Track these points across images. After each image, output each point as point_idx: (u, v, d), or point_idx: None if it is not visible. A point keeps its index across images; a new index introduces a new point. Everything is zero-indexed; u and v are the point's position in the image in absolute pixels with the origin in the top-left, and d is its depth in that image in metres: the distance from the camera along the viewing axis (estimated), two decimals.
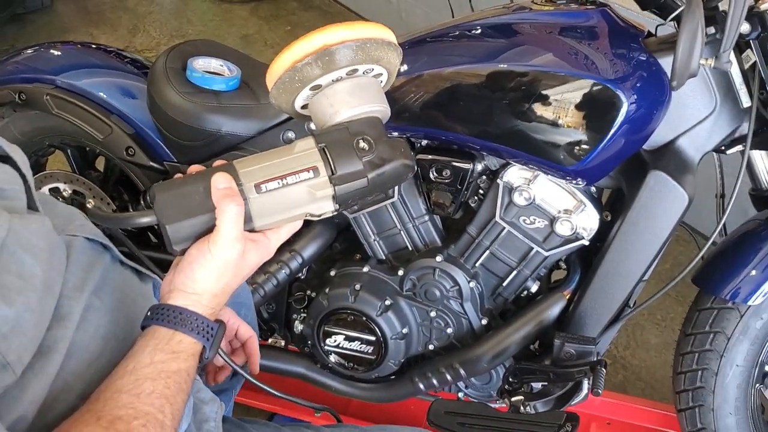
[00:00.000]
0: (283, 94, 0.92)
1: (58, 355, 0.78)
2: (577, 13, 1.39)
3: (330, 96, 0.91)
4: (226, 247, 0.84)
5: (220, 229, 0.84)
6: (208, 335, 0.85)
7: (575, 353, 1.39)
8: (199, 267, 0.85)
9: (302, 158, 0.85)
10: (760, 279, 1.38)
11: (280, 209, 0.85)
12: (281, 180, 0.84)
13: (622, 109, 1.25)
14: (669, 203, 1.33)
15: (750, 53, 1.28)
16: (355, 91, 0.92)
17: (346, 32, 0.89)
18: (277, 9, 4.22)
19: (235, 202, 0.83)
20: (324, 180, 0.84)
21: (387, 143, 0.89)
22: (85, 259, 0.88)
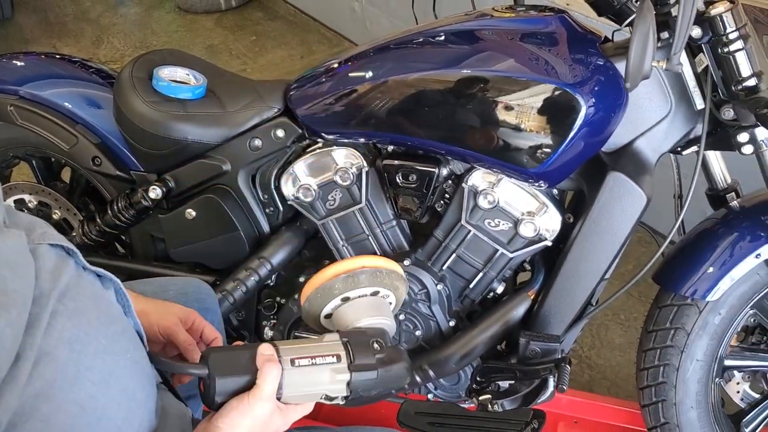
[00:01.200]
0: (320, 299, 1.12)
1: (27, 362, 0.79)
2: (536, 19, 1.43)
3: (355, 306, 1.12)
4: (263, 400, 0.94)
5: (261, 386, 0.94)
6: None
7: (540, 351, 1.42)
8: (238, 414, 0.94)
9: (330, 346, 1.01)
10: (717, 275, 1.42)
11: (306, 384, 0.99)
12: (312, 359, 0.99)
13: (581, 112, 1.28)
14: (628, 203, 1.36)
15: (702, 57, 1.33)
16: (374, 306, 1.13)
17: (380, 262, 1.16)
18: (242, 19, 4.22)
19: (276, 366, 0.95)
20: (344, 366, 0.99)
21: (394, 349, 1.05)
22: (51, 265, 0.88)
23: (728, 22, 1.27)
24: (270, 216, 1.65)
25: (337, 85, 1.48)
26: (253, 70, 3.69)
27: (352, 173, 1.52)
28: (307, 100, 1.52)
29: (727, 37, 1.27)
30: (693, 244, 1.49)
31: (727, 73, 1.30)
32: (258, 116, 1.58)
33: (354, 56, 1.51)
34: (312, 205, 1.57)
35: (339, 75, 1.50)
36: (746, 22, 1.28)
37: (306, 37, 4.03)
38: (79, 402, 0.84)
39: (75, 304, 0.88)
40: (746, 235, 1.44)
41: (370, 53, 1.49)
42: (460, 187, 1.47)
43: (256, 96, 1.61)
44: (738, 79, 1.28)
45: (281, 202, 1.62)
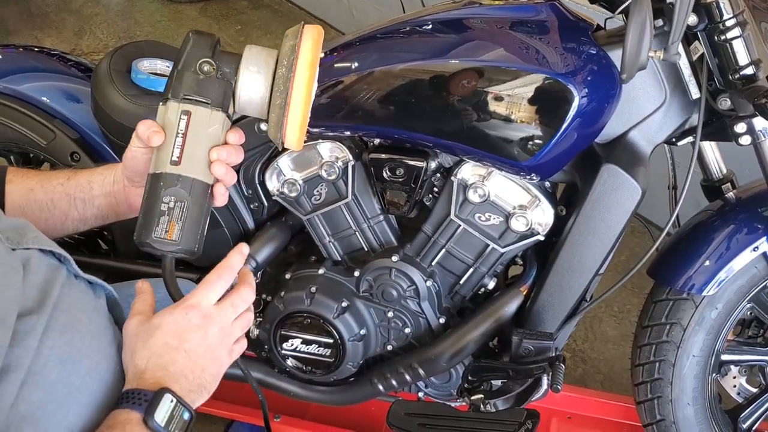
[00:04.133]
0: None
1: (12, 384, 0.75)
2: (526, 7, 1.38)
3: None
4: (127, 323, 0.91)
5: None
6: (138, 401, 0.83)
7: (534, 349, 1.39)
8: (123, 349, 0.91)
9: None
10: (714, 269, 1.39)
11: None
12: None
13: (573, 102, 1.24)
14: (622, 196, 1.33)
15: (698, 45, 1.28)
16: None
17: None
18: (226, 8, 4.16)
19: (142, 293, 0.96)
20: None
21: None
22: (42, 276, 0.85)
23: (725, 8, 1.22)
24: (254, 211, 1.61)
25: (321, 77, 1.43)
26: None
27: (337, 167, 1.48)
28: None
29: (724, 24, 1.22)
30: (688, 237, 1.46)
31: (724, 62, 1.25)
32: None
33: (339, 47, 1.46)
34: (297, 200, 1.53)
35: (324, 66, 1.44)
36: (743, 9, 1.23)
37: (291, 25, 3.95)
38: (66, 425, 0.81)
39: (67, 317, 0.85)
40: (743, 227, 1.41)
41: (356, 43, 1.45)
42: (449, 181, 1.44)
43: None
44: (735, 68, 1.24)
45: (266, 197, 1.58)
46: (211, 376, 0.91)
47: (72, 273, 0.92)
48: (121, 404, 0.83)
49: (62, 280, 0.87)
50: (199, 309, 0.90)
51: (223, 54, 1.02)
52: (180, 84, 0.98)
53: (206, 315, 0.90)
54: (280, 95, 1.00)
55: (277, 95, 1.00)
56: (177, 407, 0.84)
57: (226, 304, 0.93)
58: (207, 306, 0.91)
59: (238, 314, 0.95)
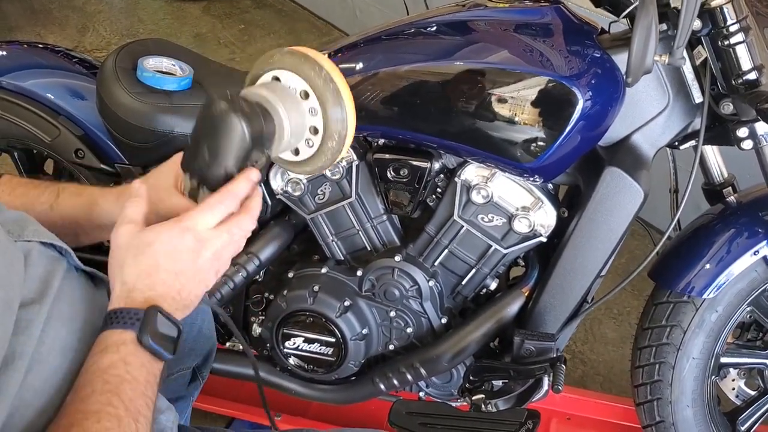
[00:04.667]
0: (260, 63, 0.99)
1: (18, 372, 0.76)
2: (531, 10, 1.39)
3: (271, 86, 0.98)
4: (115, 230, 0.88)
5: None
6: (130, 320, 0.82)
7: (535, 350, 1.40)
8: (109, 262, 0.88)
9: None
10: (714, 272, 1.40)
11: None
12: None
13: (577, 105, 1.25)
14: (625, 199, 1.33)
15: (701, 49, 1.29)
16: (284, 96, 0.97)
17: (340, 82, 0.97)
18: (230, 7, 4.16)
19: (134, 197, 0.91)
20: None
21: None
22: (43, 268, 0.85)
23: (729, 13, 1.23)
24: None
25: None
26: (241, 59, 3.64)
27: (342, 167, 1.49)
28: None
29: (728, 29, 1.23)
30: (689, 240, 1.47)
31: (727, 67, 1.26)
32: None
33: (344, 47, 1.47)
34: (301, 199, 1.53)
35: None
36: (747, 14, 1.24)
37: (295, 25, 3.98)
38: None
39: (68, 308, 0.85)
40: (744, 231, 1.42)
41: (360, 44, 1.46)
42: (452, 182, 1.44)
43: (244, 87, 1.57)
44: (738, 73, 1.25)
45: (270, 196, 1.58)
46: (195, 296, 0.89)
47: (72, 266, 0.92)
48: (112, 325, 0.82)
49: (63, 273, 0.87)
50: (194, 232, 0.87)
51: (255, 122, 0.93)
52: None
53: (201, 239, 0.88)
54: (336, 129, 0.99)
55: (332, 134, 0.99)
56: (166, 325, 0.84)
57: (222, 229, 0.89)
58: (203, 230, 0.88)
59: (233, 242, 0.91)
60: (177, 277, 0.86)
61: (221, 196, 0.90)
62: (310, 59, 0.97)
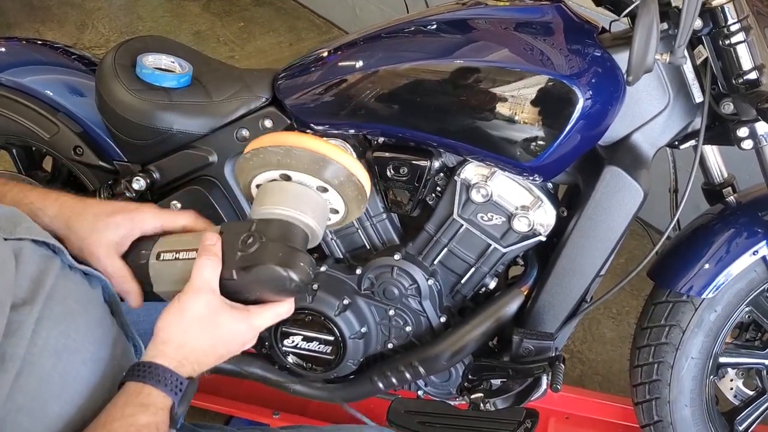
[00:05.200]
0: (259, 159, 1.00)
1: (8, 374, 0.75)
2: (531, 8, 1.39)
3: (286, 189, 0.99)
4: (190, 294, 0.88)
5: (192, 278, 0.89)
6: (176, 389, 0.84)
7: (534, 349, 1.39)
8: (166, 313, 0.88)
9: (201, 239, 0.92)
10: (714, 272, 1.40)
11: (172, 280, 0.91)
12: (176, 253, 0.92)
13: (578, 104, 1.25)
14: (625, 198, 1.33)
15: (702, 49, 1.29)
16: (308, 202, 0.99)
17: (351, 165, 1.03)
18: (229, 5, 4.16)
19: (209, 257, 0.89)
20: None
21: (276, 247, 0.91)
22: (35, 267, 0.84)
23: (730, 13, 1.23)
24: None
25: (326, 75, 1.44)
26: (241, 57, 3.64)
27: None
28: (295, 89, 1.48)
29: (729, 28, 1.23)
30: (689, 240, 1.47)
31: (728, 66, 1.26)
32: (245, 106, 1.54)
33: (344, 45, 1.47)
34: None
35: (328, 64, 1.46)
36: (748, 14, 1.24)
37: (295, 23, 3.97)
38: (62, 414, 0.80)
39: (62, 308, 0.84)
40: (743, 231, 1.42)
41: (360, 42, 1.45)
42: (452, 180, 1.44)
43: (243, 85, 1.57)
44: (739, 72, 1.25)
45: None
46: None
47: (66, 264, 0.91)
48: (159, 384, 0.84)
49: (56, 271, 0.86)
50: (255, 329, 0.94)
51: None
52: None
53: (255, 336, 0.95)
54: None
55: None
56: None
57: (268, 317, 0.95)
58: (257, 326, 0.94)
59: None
60: (218, 358, 0.92)
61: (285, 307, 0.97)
62: (322, 158, 1.03)
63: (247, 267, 0.89)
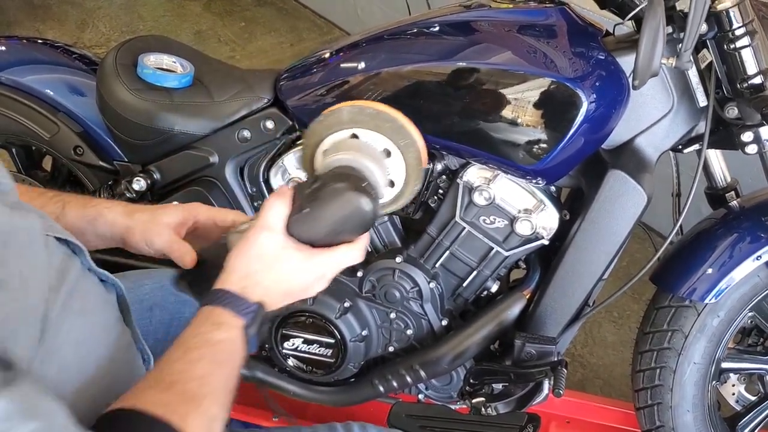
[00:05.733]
0: (331, 117, 1.12)
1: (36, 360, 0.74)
2: (536, 11, 1.38)
3: (348, 143, 1.09)
4: (256, 230, 0.92)
5: (261, 215, 0.93)
6: (244, 311, 0.88)
7: (536, 353, 1.39)
8: (235, 249, 0.93)
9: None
10: (716, 277, 1.39)
11: None
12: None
13: (581, 108, 1.24)
14: (628, 202, 1.33)
15: (706, 53, 1.29)
16: (365, 150, 1.07)
17: (412, 126, 1.15)
18: (230, 5, 4.14)
19: (279, 198, 0.94)
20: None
21: (344, 175, 0.97)
22: (58, 261, 0.84)
23: (735, 17, 1.22)
24: (258, 209, 1.60)
25: (328, 76, 1.44)
26: (242, 57, 3.63)
27: None
28: (297, 90, 1.48)
29: (733, 33, 1.23)
30: (692, 244, 1.46)
31: (732, 70, 1.25)
32: (247, 107, 1.53)
33: (346, 46, 1.46)
34: None
35: (331, 65, 1.45)
36: (753, 18, 1.24)
37: (296, 24, 3.96)
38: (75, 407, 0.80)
39: (81, 305, 0.84)
40: (746, 236, 1.41)
41: (363, 43, 1.45)
42: (454, 183, 1.43)
43: (245, 86, 1.56)
44: (743, 77, 1.24)
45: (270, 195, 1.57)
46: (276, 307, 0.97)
47: (86, 266, 0.91)
48: (226, 306, 0.88)
49: (77, 270, 0.87)
50: (321, 269, 0.96)
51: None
52: None
53: (323, 276, 0.96)
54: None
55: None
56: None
57: (333, 259, 0.96)
58: (328, 270, 0.97)
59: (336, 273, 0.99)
60: (285, 295, 0.95)
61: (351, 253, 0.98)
62: (391, 118, 1.13)
63: (315, 193, 0.93)
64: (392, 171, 1.18)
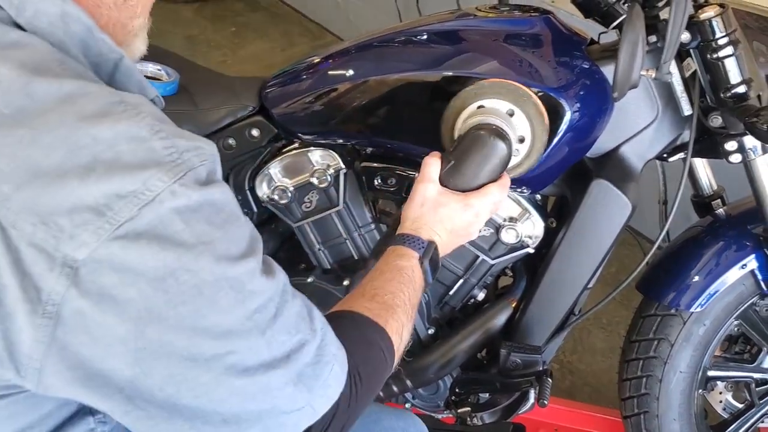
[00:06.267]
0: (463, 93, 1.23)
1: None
2: (520, 20, 1.38)
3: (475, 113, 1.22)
4: (418, 183, 1.17)
5: (421, 172, 1.18)
6: (418, 246, 1.11)
7: (521, 363, 1.38)
8: (407, 202, 1.18)
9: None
10: (702, 286, 1.40)
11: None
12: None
13: (565, 117, 1.24)
14: (612, 211, 1.32)
15: (690, 61, 1.29)
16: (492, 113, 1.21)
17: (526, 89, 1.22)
18: (222, 10, 4.14)
19: (431, 157, 1.18)
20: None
21: (472, 127, 1.18)
22: None
23: (718, 27, 1.22)
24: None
25: (314, 84, 1.43)
26: (233, 63, 3.62)
27: (329, 175, 1.47)
28: (283, 98, 1.47)
29: (717, 42, 1.23)
30: (678, 252, 1.46)
31: (716, 80, 1.25)
32: (232, 115, 1.52)
33: (332, 54, 1.46)
34: (288, 207, 1.51)
35: (316, 73, 1.45)
36: (736, 28, 1.24)
37: (288, 28, 3.96)
38: None
39: None
40: (732, 244, 1.41)
41: (351, 51, 1.44)
42: None
43: (231, 93, 1.55)
44: (727, 86, 1.24)
45: (255, 203, 1.56)
46: (455, 246, 1.21)
47: None
48: (405, 244, 1.11)
49: None
50: (474, 209, 1.16)
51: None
52: None
53: (477, 213, 1.17)
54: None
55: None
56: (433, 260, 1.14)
57: (483, 198, 1.17)
58: (480, 208, 1.17)
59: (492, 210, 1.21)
60: (450, 233, 1.16)
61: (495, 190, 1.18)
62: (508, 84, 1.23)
63: (457, 146, 1.15)
64: (519, 128, 1.24)
